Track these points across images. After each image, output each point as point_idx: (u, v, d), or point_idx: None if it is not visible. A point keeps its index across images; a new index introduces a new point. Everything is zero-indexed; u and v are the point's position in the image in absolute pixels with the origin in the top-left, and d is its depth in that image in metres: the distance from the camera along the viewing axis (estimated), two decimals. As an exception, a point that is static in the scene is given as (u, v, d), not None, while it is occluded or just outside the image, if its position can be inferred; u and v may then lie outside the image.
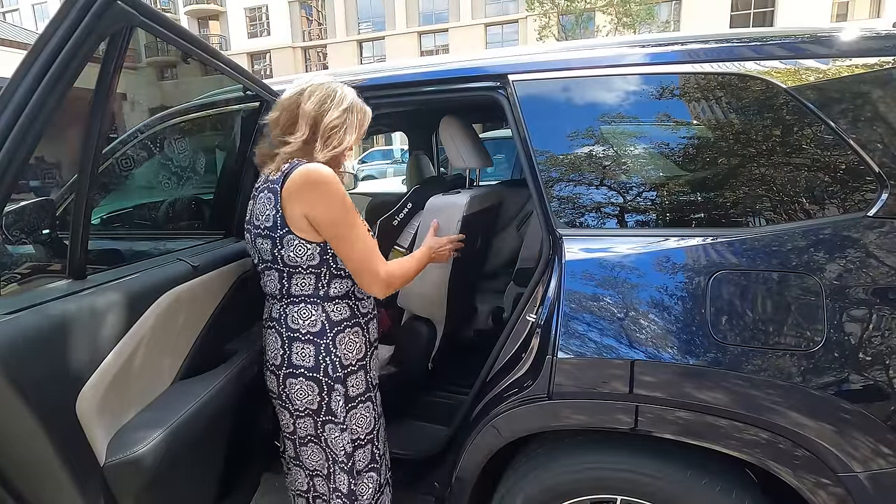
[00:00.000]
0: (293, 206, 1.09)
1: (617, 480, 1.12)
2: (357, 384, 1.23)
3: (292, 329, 1.17)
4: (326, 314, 1.17)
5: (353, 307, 1.22)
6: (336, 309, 1.18)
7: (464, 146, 1.75)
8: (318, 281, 1.16)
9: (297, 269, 1.13)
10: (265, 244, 1.13)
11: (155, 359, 1.04)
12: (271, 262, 1.15)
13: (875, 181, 0.98)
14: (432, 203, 1.71)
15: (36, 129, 0.77)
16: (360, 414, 1.25)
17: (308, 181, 1.08)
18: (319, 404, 1.19)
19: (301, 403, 1.20)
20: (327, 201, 1.08)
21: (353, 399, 1.23)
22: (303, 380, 1.18)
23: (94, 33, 0.82)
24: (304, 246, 1.11)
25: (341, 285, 1.18)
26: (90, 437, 0.88)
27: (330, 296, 1.17)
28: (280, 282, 1.16)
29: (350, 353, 1.20)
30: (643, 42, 1.24)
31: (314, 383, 1.18)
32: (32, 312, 0.81)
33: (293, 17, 29.27)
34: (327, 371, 1.17)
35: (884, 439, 0.92)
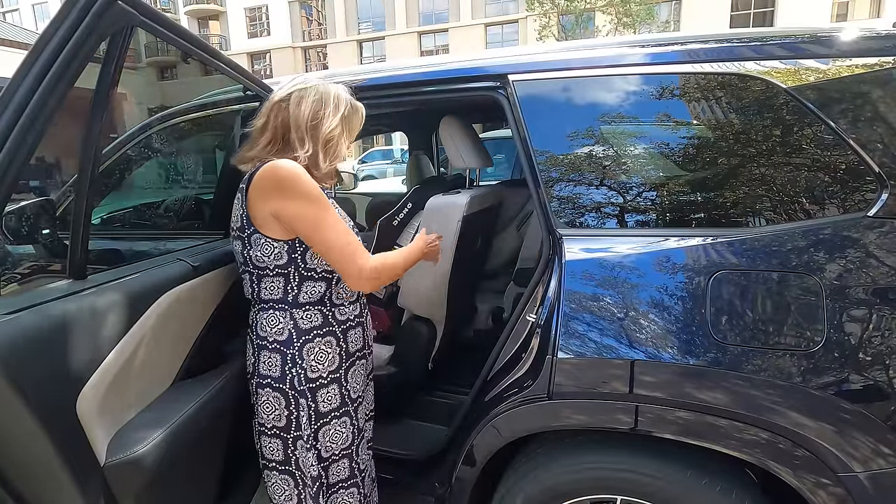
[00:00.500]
0: (260, 204, 1.04)
1: (617, 480, 1.12)
2: (329, 399, 1.15)
3: (261, 336, 1.13)
4: (294, 321, 1.11)
5: (326, 314, 1.14)
6: (306, 316, 1.12)
7: (464, 146, 1.75)
8: (287, 284, 1.10)
9: (265, 270, 1.09)
10: (237, 245, 1.11)
11: (155, 359, 1.04)
12: (243, 264, 1.12)
13: (875, 181, 0.98)
14: (432, 203, 1.71)
15: (37, 130, 0.77)
16: (335, 430, 1.18)
17: (273, 178, 1.03)
18: (288, 419, 1.13)
19: (268, 419, 1.14)
20: (295, 196, 1.02)
21: (325, 415, 1.15)
22: (269, 391, 1.12)
23: (95, 33, 0.82)
24: (270, 244, 1.06)
25: (313, 289, 1.12)
26: (90, 437, 0.88)
27: (299, 302, 1.11)
28: (251, 285, 1.13)
29: (319, 365, 1.13)
30: (643, 42, 1.24)
31: (280, 395, 1.12)
32: (32, 312, 0.80)
33: (293, 17, 29.28)
34: (293, 383, 1.11)
35: (884, 439, 0.92)
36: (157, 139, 1.88)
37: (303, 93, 1.10)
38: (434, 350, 1.89)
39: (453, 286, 1.78)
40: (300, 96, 1.09)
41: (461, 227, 1.67)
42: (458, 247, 1.69)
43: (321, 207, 1.04)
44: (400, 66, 1.53)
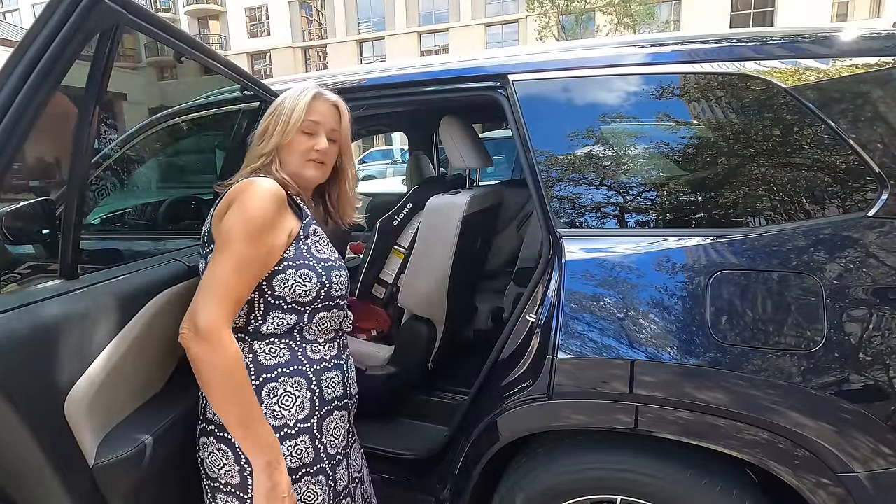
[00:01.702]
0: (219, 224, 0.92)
1: (617, 480, 1.11)
2: (299, 453, 0.94)
3: None
4: (254, 355, 0.93)
5: (295, 350, 0.96)
6: (269, 350, 0.94)
7: (464, 146, 1.75)
8: (251, 311, 0.94)
9: None
10: (201, 264, 0.98)
11: (147, 360, 1.03)
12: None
13: (875, 181, 0.98)
14: (432, 203, 1.71)
15: (21, 129, 0.76)
16: (308, 489, 0.96)
17: (236, 189, 0.92)
18: (242, 476, 0.92)
19: (219, 473, 0.93)
20: (233, 210, 0.90)
21: (295, 471, 0.94)
22: (213, 440, 0.93)
23: (81, 31, 0.80)
24: None
25: (282, 320, 0.94)
26: (79, 438, 0.86)
27: (262, 332, 0.94)
28: None
29: (284, 411, 0.93)
30: (643, 42, 1.24)
31: (226, 447, 0.91)
32: (21, 313, 0.79)
33: (293, 17, 29.28)
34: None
35: (884, 439, 0.92)
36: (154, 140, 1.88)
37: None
38: (434, 350, 1.89)
39: (453, 286, 1.78)
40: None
41: (461, 227, 1.66)
42: (458, 247, 1.69)
43: (244, 230, 0.87)
44: (400, 66, 1.53)
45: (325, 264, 0.99)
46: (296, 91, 1.03)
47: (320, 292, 0.97)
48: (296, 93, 1.03)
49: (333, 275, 0.99)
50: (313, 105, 1.02)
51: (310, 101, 1.02)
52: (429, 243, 1.72)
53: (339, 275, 1.01)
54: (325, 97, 1.05)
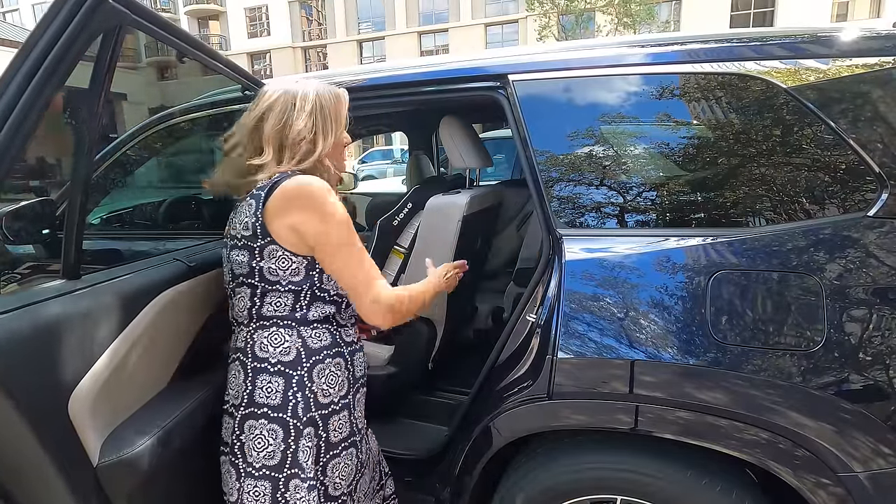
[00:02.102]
0: (280, 217, 0.97)
1: (617, 480, 1.11)
2: (340, 427, 1.04)
3: (259, 358, 1.00)
4: (303, 340, 1.01)
5: (334, 334, 1.05)
6: (315, 335, 1.02)
7: (464, 146, 1.75)
8: (297, 301, 1.01)
9: (275, 285, 0.99)
10: (241, 255, 1.00)
11: (150, 359, 1.03)
12: (245, 276, 1.00)
13: (875, 181, 0.98)
14: (432, 203, 1.71)
15: (26, 129, 0.76)
16: (343, 463, 1.06)
17: (298, 195, 0.97)
18: (283, 455, 0.98)
19: (256, 456, 0.99)
20: (317, 218, 0.96)
21: (336, 445, 1.04)
22: (265, 422, 0.98)
23: (85, 32, 0.81)
24: (288, 259, 0.98)
25: (323, 309, 1.03)
26: (83, 438, 0.87)
27: (308, 319, 1.01)
28: (251, 300, 1.01)
29: (330, 389, 1.02)
30: (643, 42, 1.24)
31: (279, 426, 0.98)
32: (24, 313, 0.80)
33: (293, 17, 29.28)
34: (296, 411, 0.98)
35: (884, 439, 0.92)
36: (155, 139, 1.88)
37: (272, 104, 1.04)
38: (434, 350, 1.89)
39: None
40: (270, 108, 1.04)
41: (461, 227, 1.67)
42: (458, 247, 1.69)
43: (345, 229, 0.98)
44: (400, 66, 1.53)
45: None
46: (326, 89, 1.07)
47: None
48: (329, 91, 1.07)
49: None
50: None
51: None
52: (429, 243, 1.72)
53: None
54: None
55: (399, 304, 1.01)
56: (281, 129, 1.02)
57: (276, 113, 1.02)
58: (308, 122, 1.03)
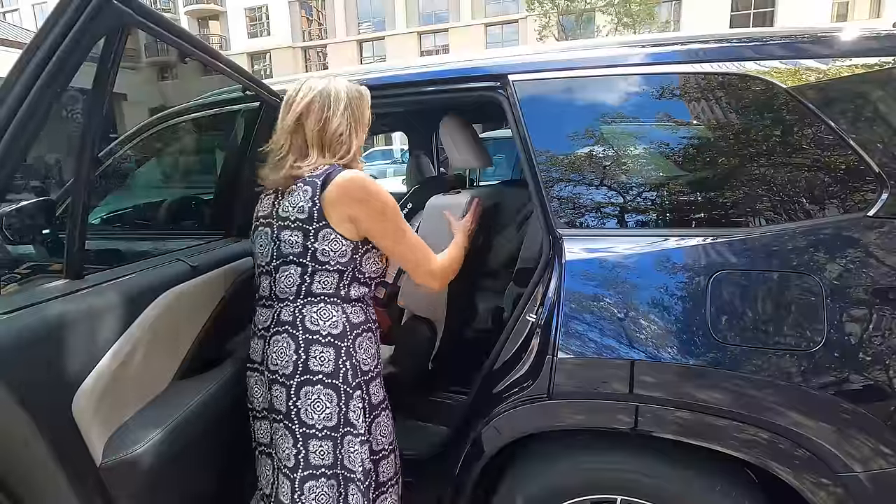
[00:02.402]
0: (337, 206, 1.07)
1: (617, 480, 1.12)
2: (377, 391, 1.19)
3: (310, 331, 1.09)
4: (346, 316, 1.13)
5: (366, 311, 1.19)
6: (354, 311, 1.15)
7: (464, 146, 1.75)
8: (341, 281, 1.12)
9: (324, 265, 1.09)
10: (295, 236, 1.08)
11: (153, 359, 1.03)
12: (298, 255, 1.09)
13: (875, 181, 0.98)
14: (432, 203, 1.71)
15: (31, 129, 0.77)
16: (383, 423, 1.21)
17: (355, 188, 1.07)
18: (339, 416, 1.10)
19: (316, 419, 1.09)
20: (378, 214, 1.09)
21: (376, 407, 1.18)
22: (321, 387, 1.09)
23: (90, 33, 0.81)
24: (339, 242, 1.09)
25: (359, 290, 1.15)
26: (86, 437, 0.87)
27: (350, 297, 1.14)
28: (301, 278, 1.10)
29: (368, 359, 1.16)
30: (643, 42, 1.24)
31: (332, 391, 1.09)
32: (28, 312, 0.80)
33: (293, 17, 29.27)
34: (346, 377, 1.10)
35: (884, 439, 0.92)
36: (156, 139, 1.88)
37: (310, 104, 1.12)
38: (434, 350, 1.89)
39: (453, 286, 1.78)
40: (308, 106, 1.12)
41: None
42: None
43: (400, 221, 1.13)
44: (400, 66, 1.53)
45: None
46: (352, 87, 1.17)
47: (382, 270, 1.20)
48: (355, 89, 1.17)
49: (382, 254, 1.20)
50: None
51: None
52: (429, 244, 1.72)
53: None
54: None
55: (449, 271, 1.23)
56: (322, 128, 1.12)
57: (315, 112, 1.12)
58: (343, 120, 1.13)
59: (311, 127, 1.12)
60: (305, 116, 1.12)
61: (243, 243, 1.49)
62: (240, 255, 1.40)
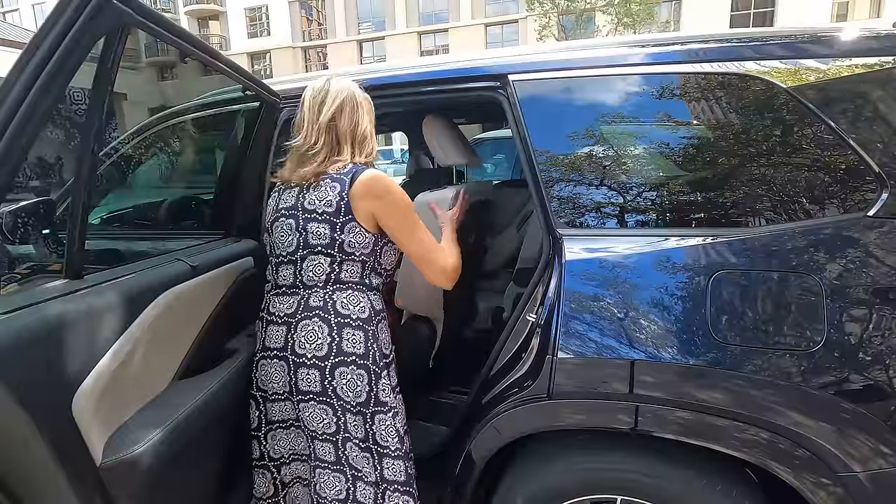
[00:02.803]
0: (361, 201, 1.14)
1: (617, 480, 1.12)
2: (394, 375, 1.27)
3: (342, 315, 1.16)
4: (371, 302, 1.20)
5: (382, 299, 1.27)
6: (375, 299, 1.23)
7: (447, 143, 1.76)
8: (364, 270, 1.20)
9: (350, 255, 1.17)
10: (322, 228, 1.15)
11: (153, 359, 1.03)
12: (326, 246, 1.15)
13: (875, 181, 0.98)
14: (420, 200, 1.72)
15: (31, 129, 0.77)
16: (400, 404, 1.28)
17: (378, 185, 1.15)
18: (368, 395, 1.18)
19: (351, 396, 1.17)
20: (396, 211, 1.17)
21: (395, 388, 1.26)
22: (354, 368, 1.16)
23: (90, 32, 0.81)
24: (363, 234, 1.16)
25: (376, 280, 1.24)
26: (86, 437, 0.87)
27: (372, 285, 1.22)
28: (330, 267, 1.17)
29: (387, 344, 1.25)
30: (643, 42, 1.24)
31: (364, 371, 1.17)
32: (27, 312, 0.80)
33: (293, 17, 29.27)
34: (375, 359, 1.19)
35: (884, 439, 0.92)
36: (156, 139, 1.88)
37: (342, 105, 1.20)
38: (434, 349, 1.89)
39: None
40: (341, 109, 1.19)
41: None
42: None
43: (415, 220, 1.20)
44: (400, 66, 1.53)
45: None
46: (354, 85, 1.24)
47: (395, 262, 1.27)
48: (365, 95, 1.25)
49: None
50: None
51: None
52: None
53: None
54: None
55: (458, 268, 1.26)
56: (354, 128, 1.21)
57: (348, 112, 1.20)
58: (368, 121, 1.24)
59: (344, 126, 1.19)
60: (339, 116, 1.19)
61: (243, 243, 1.49)
62: (239, 255, 1.40)
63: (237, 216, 1.54)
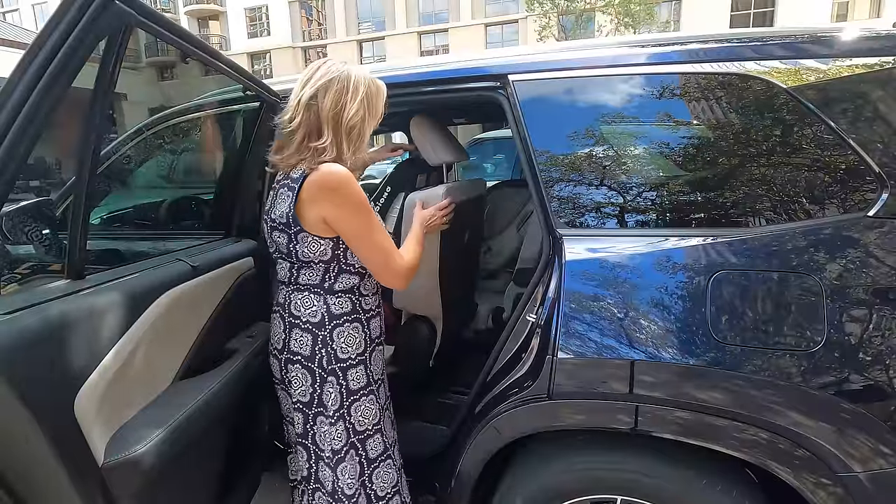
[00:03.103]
0: (311, 207, 1.09)
1: (617, 480, 1.12)
2: (357, 378, 1.22)
3: (294, 315, 1.18)
4: (327, 306, 1.17)
5: (355, 303, 1.21)
6: (337, 302, 1.18)
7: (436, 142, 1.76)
8: (327, 273, 1.17)
9: (308, 263, 1.15)
10: (281, 238, 1.15)
11: (154, 359, 1.04)
12: (285, 253, 1.17)
13: (875, 181, 0.98)
14: (410, 199, 1.72)
15: (33, 129, 0.77)
16: (365, 406, 1.24)
17: (327, 185, 1.08)
18: (311, 396, 1.20)
19: (297, 394, 1.21)
20: (345, 205, 1.09)
21: (355, 392, 1.22)
22: (299, 367, 1.19)
23: (92, 33, 0.81)
24: (317, 243, 1.12)
25: (348, 280, 1.19)
26: (88, 437, 0.87)
27: (334, 289, 1.18)
28: (290, 271, 1.19)
29: (349, 347, 1.20)
30: (643, 42, 1.24)
31: (308, 373, 1.19)
32: (30, 313, 0.80)
33: (293, 17, 29.26)
34: (321, 363, 1.18)
35: (884, 439, 0.92)
36: (156, 139, 1.88)
37: (328, 84, 1.10)
38: (435, 348, 1.89)
39: (445, 280, 1.78)
40: (325, 87, 1.10)
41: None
42: (444, 239, 1.70)
43: (366, 217, 1.11)
44: (400, 66, 1.53)
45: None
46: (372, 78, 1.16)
47: None
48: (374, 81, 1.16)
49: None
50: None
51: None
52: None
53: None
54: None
55: (409, 270, 1.19)
56: (338, 111, 1.10)
57: (333, 93, 1.10)
58: (360, 109, 1.12)
59: (326, 107, 1.09)
60: (322, 95, 1.10)
61: (243, 243, 1.49)
62: (240, 255, 1.40)
63: (237, 216, 1.54)
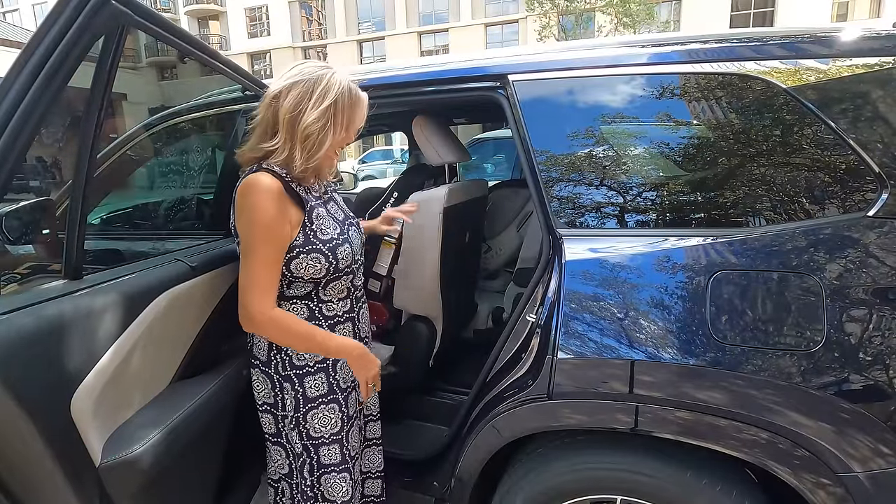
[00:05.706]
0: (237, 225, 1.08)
1: (617, 480, 1.11)
2: (317, 385, 1.18)
3: None
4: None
5: (313, 308, 1.16)
6: (291, 309, 1.14)
7: (438, 142, 1.76)
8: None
9: None
10: (236, 244, 1.13)
11: (152, 359, 1.03)
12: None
13: (875, 181, 0.98)
14: (413, 199, 1.72)
15: (29, 129, 0.77)
16: (323, 414, 1.19)
17: (240, 190, 1.05)
18: (275, 398, 1.19)
19: (259, 396, 1.22)
20: (242, 214, 1.04)
21: (313, 400, 1.18)
22: (258, 371, 1.20)
23: (88, 32, 0.81)
24: None
25: (301, 288, 1.13)
26: (85, 437, 0.87)
27: (286, 295, 1.14)
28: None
29: (305, 354, 1.16)
30: (643, 42, 1.24)
31: (266, 377, 1.19)
32: (27, 313, 0.80)
33: (293, 17, 29.27)
34: (277, 368, 1.17)
35: (884, 439, 0.92)
36: (156, 140, 1.88)
37: (292, 86, 1.05)
38: (435, 348, 1.89)
39: (445, 280, 1.78)
40: (289, 88, 1.05)
41: (443, 219, 1.68)
42: (444, 239, 1.70)
43: (252, 236, 1.03)
44: (400, 66, 1.53)
45: (329, 245, 1.11)
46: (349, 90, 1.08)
47: (329, 269, 1.11)
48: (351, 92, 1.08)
49: (338, 252, 1.12)
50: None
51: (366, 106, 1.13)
52: (415, 239, 1.73)
53: (343, 249, 1.13)
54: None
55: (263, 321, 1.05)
56: (293, 117, 1.04)
57: (294, 96, 1.03)
58: (322, 118, 1.04)
59: (285, 109, 1.03)
60: (283, 96, 1.04)
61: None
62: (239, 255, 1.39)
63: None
